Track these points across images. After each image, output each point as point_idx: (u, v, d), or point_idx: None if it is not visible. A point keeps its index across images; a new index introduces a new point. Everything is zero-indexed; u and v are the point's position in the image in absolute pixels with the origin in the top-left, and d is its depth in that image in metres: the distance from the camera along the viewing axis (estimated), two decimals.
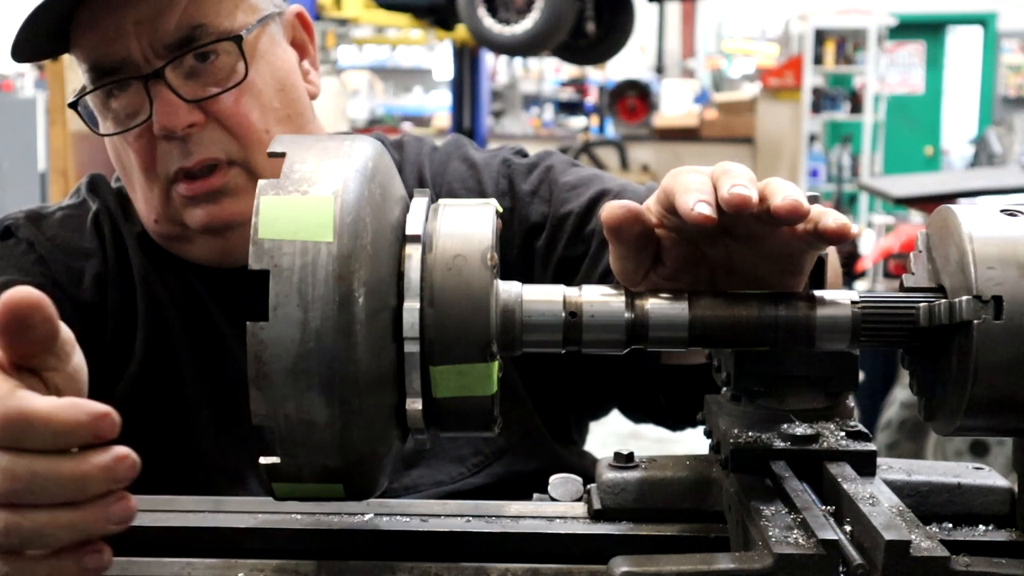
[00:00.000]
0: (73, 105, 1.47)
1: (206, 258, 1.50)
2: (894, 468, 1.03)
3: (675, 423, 1.59)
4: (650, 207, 1.03)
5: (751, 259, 1.03)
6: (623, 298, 0.97)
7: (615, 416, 1.71)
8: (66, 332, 0.88)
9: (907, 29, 14.66)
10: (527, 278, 1.00)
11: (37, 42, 1.43)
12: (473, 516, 1.05)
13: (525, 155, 1.66)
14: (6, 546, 0.83)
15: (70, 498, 0.82)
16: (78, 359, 0.90)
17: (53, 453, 0.81)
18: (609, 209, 1.00)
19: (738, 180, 0.95)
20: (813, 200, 1.02)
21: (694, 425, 1.56)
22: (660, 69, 15.84)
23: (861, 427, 1.01)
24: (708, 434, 1.08)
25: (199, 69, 1.42)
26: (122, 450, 0.83)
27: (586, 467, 1.57)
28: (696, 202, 0.94)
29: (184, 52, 1.41)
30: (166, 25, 1.40)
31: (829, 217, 0.94)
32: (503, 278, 0.97)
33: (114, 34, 1.40)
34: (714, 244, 1.03)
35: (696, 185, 0.96)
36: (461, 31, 10.03)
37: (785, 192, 0.94)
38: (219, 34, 1.42)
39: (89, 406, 0.82)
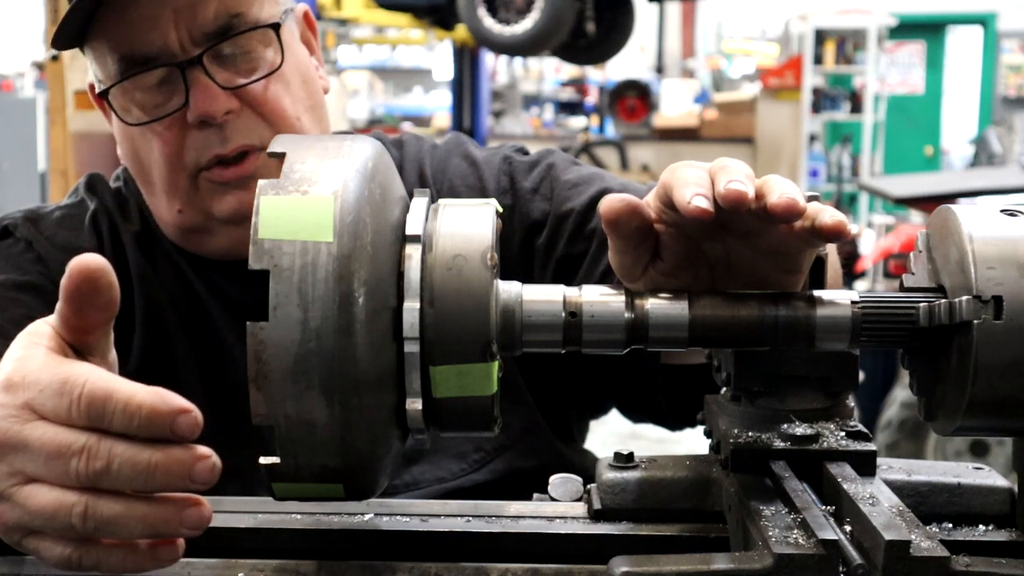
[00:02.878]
0: (103, 94, 1.47)
1: (225, 250, 1.50)
2: (894, 468, 1.03)
3: (674, 423, 1.59)
4: (649, 202, 1.03)
5: (749, 256, 1.03)
6: (623, 298, 0.97)
7: (615, 416, 1.71)
8: None
9: (907, 29, 14.66)
10: (527, 276, 1.00)
11: (69, 31, 1.43)
12: (473, 516, 1.05)
13: (526, 153, 1.66)
14: (81, 531, 0.84)
15: (145, 487, 0.83)
16: (114, 352, 0.93)
17: (134, 440, 0.82)
18: (608, 202, 1.00)
19: (735, 176, 0.95)
20: (812, 200, 1.02)
21: (693, 425, 1.56)
22: (660, 69, 15.84)
23: (861, 427, 1.01)
24: (708, 434, 1.08)
25: (232, 58, 1.44)
26: (204, 450, 0.84)
27: (586, 465, 1.57)
28: (693, 196, 0.94)
29: (222, 40, 1.42)
30: (205, 13, 1.41)
31: (826, 214, 0.94)
32: (503, 276, 0.97)
33: (149, 23, 1.40)
34: (712, 241, 1.03)
35: (694, 179, 0.96)
36: (461, 31, 10.03)
37: (782, 190, 0.94)
38: (254, 23, 1.44)
39: (172, 398, 0.83)
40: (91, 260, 0.86)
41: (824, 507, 0.91)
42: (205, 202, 1.45)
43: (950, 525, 1.01)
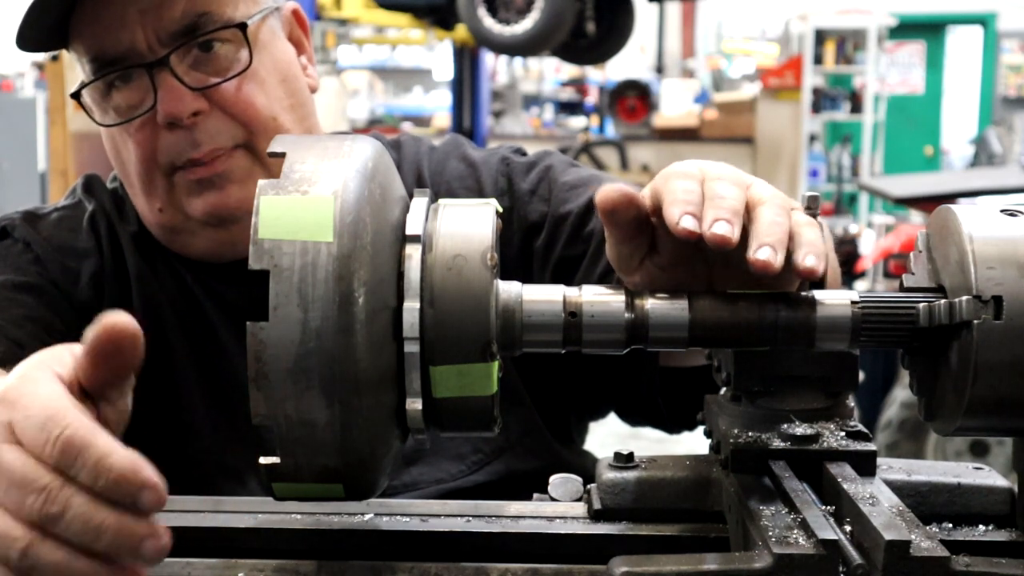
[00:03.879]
0: (75, 96, 1.47)
1: (207, 251, 1.50)
2: (894, 468, 1.03)
3: (673, 426, 1.59)
4: (645, 195, 1.03)
5: (744, 255, 1.02)
6: (623, 298, 0.97)
7: (615, 416, 1.71)
8: None
9: (907, 29, 14.65)
10: (526, 277, 1.00)
11: (39, 32, 1.43)
12: (473, 516, 1.05)
13: (524, 154, 1.66)
14: (16, 566, 0.82)
15: (91, 546, 0.81)
16: (129, 398, 0.91)
17: (96, 496, 0.80)
18: (604, 192, 1.00)
19: (721, 212, 0.95)
20: (813, 202, 1.02)
21: (691, 428, 1.56)
22: (660, 69, 15.83)
23: (861, 427, 1.01)
24: (708, 434, 1.08)
25: (202, 58, 1.43)
26: (159, 529, 0.82)
27: (586, 466, 1.57)
28: (682, 215, 0.95)
29: (189, 40, 1.42)
30: (171, 13, 1.40)
31: (801, 253, 0.94)
32: (502, 277, 0.97)
33: (118, 23, 1.40)
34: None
35: (683, 195, 0.97)
36: (461, 31, 10.03)
37: (764, 238, 0.94)
38: (223, 22, 1.43)
39: (144, 470, 0.80)
40: (120, 320, 0.83)
41: (824, 507, 0.91)
42: (182, 201, 1.45)
43: (950, 525, 1.01)
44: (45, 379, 0.86)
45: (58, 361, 0.88)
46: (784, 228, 0.95)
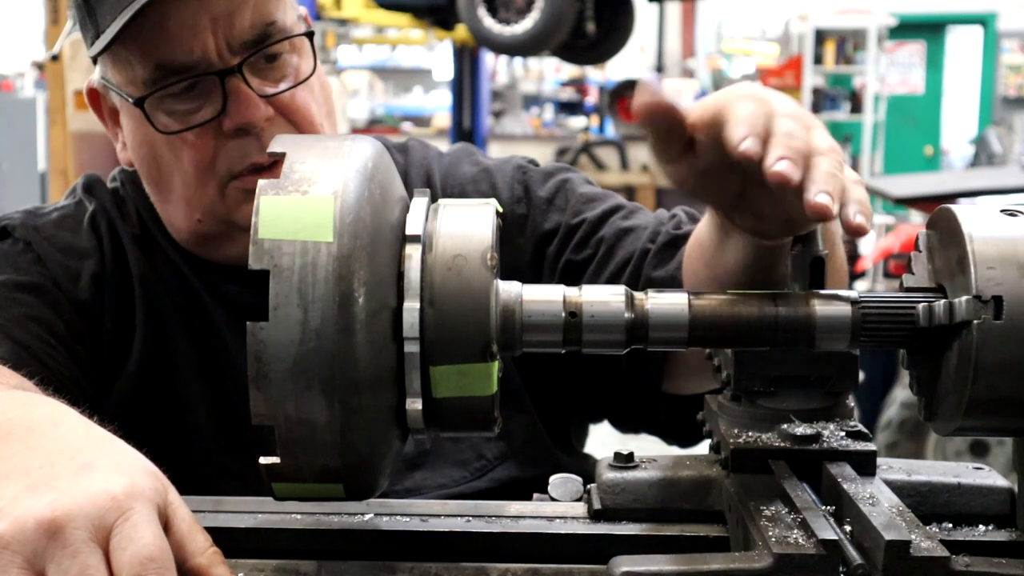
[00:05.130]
0: (139, 103, 1.43)
1: (241, 256, 1.49)
2: (894, 468, 1.03)
3: (673, 442, 1.60)
4: (693, 110, 1.02)
5: (764, 195, 1.03)
6: (623, 298, 0.97)
7: (610, 425, 1.71)
8: None
9: (907, 29, 14.65)
10: (537, 283, 1.00)
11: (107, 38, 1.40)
12: (473, 516, 1.05)
13: (537, 165, 1.67)
14: None
15: None
16: None
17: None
18: (641, 96, 1.00)
19: (787, 151, 0.94)
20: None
21: (691, 445, 1.57)
22: (660, 69, 15.83)
23: (861, 427, 1.01)
24: (708, 434, 1.08)
25: (267, 66, 1.45)
26: None
27: (586, 469, 1.57)
28: (743, 139, 0.94)
29: (260, 48, 1.43)
30: (242, 22, 1.41)
31: (851, 210, 0.94)
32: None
33: (190, 31, 1.39)
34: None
35: (749, 119, 0.96)
36: (461, 31, 10.03)
37: (823, 184, 0.93)
38: (284, 31, 1.45)
39: None
40: None
41: (824, 507, 0.91)
42: (230, 210, 1.45)
43: (950, 525, 1.01)
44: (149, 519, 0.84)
45: (164, 493, 0.87)
46: (840, 182, 0.95)
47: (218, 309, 1.54)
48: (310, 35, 1.49)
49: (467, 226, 0.95)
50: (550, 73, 17.48)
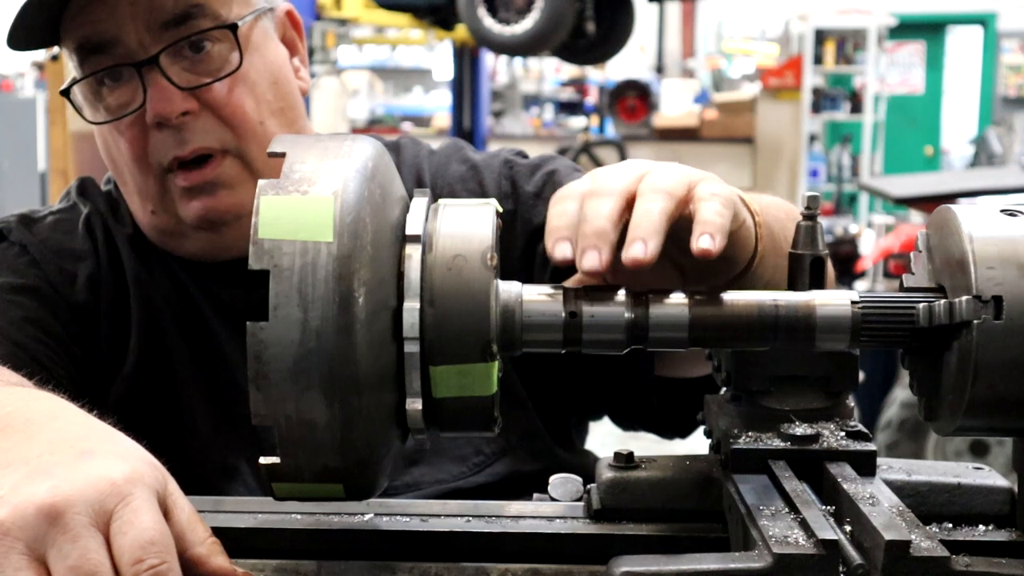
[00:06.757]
0: (65, 92, 1.47)
1: (199, 253, 1.50)
2: (894, 468, 1.03)
3: (667, 432, 1.59)
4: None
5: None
6: (623, 298, 0.97)
7: (609, 420, 1.71)
8: None
9: (907, 29, 14.64)
10: (528, 280, 1.00)
11: (30, 30, 1.42)
12: (473, 516, 1.05)
13: (525, 156, 1.66)
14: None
15: None
16: None
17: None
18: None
19: (587, 240, 0.97)
20: (813, 202, 1.02)
21: (684, 436, 1.57)
22: (660, 69, 15.84)
23: (861, 427, 1.01)
24: (708, 434, 1.08)
25: (193, 58, 1.43)
26: None
27: (586, 466, 1.57)
28: (555, 244, 0.98)
29: (180, 38, 1.41)
30: (163, 2, 1.39)
31: (696, 232, 0.97)
32: (505, 279, 0.97)
33: (107, 14, 1.39)
34: None
35: (557, 221, 1.00)
36: (461, 31, 10.03)
37: (635, 231, 0.96)
38: (215, 20, 1.42)
39: None
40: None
41: (824, 507, 0.91)
42: (176, 204, 1.45)
43: (950, 525, 1.01)
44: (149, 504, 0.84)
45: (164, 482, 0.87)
46: (651, 218, 0.96)
47: (212, 309, 1.54)
48: (232, 27, 1.43)
49: (467, 226, 0.95)
50: (550, 73, 17.48)
